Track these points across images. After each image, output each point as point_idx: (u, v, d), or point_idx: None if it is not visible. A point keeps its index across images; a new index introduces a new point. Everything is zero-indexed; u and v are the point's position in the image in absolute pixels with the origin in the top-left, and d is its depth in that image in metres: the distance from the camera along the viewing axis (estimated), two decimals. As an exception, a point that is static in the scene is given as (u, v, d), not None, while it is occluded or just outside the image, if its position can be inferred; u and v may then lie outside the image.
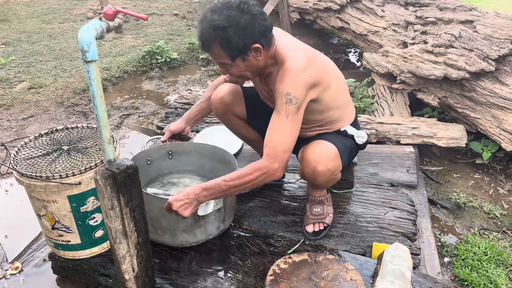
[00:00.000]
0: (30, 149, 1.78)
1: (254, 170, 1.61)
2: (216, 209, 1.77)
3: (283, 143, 1.62)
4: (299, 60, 1.64)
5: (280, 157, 1.61)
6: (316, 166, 1.76)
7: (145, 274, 1.55)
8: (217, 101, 2.05)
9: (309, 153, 1.79)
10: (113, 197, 1.31)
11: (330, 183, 1.92)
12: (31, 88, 3.93)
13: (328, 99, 1.78)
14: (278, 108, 1.63)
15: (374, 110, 3.33)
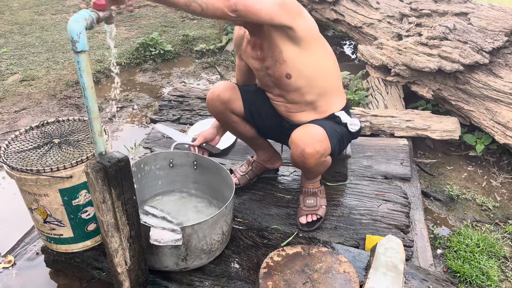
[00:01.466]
0: (20, 142, 1.77)
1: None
2: (172, 246, 1.61)
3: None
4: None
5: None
6: (304, 148, 1.75)
7: (138, 267, 1.55)
8: (214, 99, 2.01)
9: (297, 136, 1.79)
10: (104, 190, 1.30)
11: (320, 167, 1.91)
12: (23, 81, 3.89)
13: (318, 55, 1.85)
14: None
15: (369, 103, 3.33)
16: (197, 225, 1.61)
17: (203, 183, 2.09)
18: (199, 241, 1.66)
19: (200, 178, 2.08)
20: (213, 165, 1.99)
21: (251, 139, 2.20)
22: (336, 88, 1.95)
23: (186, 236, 1.60)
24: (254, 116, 2.08)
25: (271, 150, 2.26)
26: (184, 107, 3.13)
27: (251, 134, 2.15)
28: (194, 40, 4.86)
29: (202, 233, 1.65)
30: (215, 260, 1.86)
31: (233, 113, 2.05)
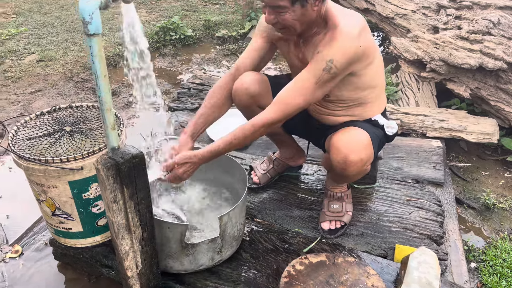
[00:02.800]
0: (30, 129, 1.65)
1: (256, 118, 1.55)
2: (210, 239, 1.54)
3: (294, 98, 1.52)
4: (353, 25, 1.48)
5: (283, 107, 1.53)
6: (348, 155, 1.58)
7: (149, 271, 1.43)
8: (242, 92, 1.79)
9: (340, 139, 1.62)
10: (116, 189, 1.17)
11: (359, 175, 1.74)
12: (40, 61, 3.80)
13: (368, 75, 1.61)
14: (312, 70, 1.50)
15: (398, 99, 3.13)
16: (232, 212, 1.54)
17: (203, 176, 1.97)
18: (232, 228, 1.60)
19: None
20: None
21: (276, 135, 2.04)
22: (378, 96, 1.77)
23: (223, 226, 1.53)
24: None
25: (295, 147, 2.10)
26: (203, 96, 2.98)
27: (277, 131, 1.99)
28: (216, 25, 4.69)
29: (235, 219, 1.59)
30: (232, 263, 1.73)
31: (261, 108, 1.88)
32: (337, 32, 1.46)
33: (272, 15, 1.48)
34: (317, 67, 1.48)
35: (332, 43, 1.46)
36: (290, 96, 1.52)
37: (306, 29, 1.54)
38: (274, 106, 1.53)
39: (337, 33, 1.46)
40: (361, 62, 1.53)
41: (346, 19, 1.50)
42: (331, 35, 1.48)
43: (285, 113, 1.52)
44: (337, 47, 1.46)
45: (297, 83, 1.52)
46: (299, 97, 1.51)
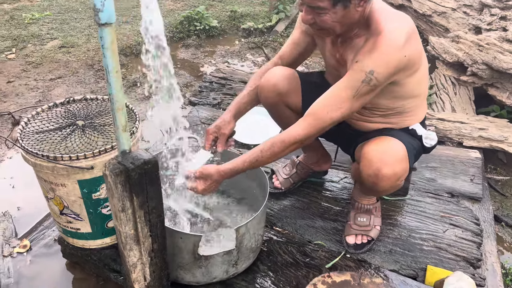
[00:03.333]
0: (41, 121, 1.55)
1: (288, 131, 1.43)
2: (225, 252, 1.43)
3: (331, 109, 1.38)
4: (399, 33, 1.30)
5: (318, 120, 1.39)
6: (380, 168, 1.43)
7: (158, 283, 1.31)
8: (268, 89, 1.68)
9: (373, 150, 1.46)
10: (125, 197, 1.05)
11: (391, 190, 1.58)
12: (63, 47, 3.73)
13: (411, 84, 1.44)
14: (350, 81, 1.35)
15: (433, 103, 2.94)
16: (250, 223, 1.43)
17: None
18: (249, 240, 1.49)
19: None
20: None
21: None
22: (419, 105, 1.60)
23: (239, 237, 1.42)
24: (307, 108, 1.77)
25: (321, 151, 1.95)
26: (226, 91, 2.85)
27: None
28: (242, 17, 4.54)
29: (252, 230, 1.48)
30: (248, 276, 1.60)
31: (288, 107, 1.75)
32: (380, 40, 1.29)
33: (310, 15, 1.33)
34: (355, 78, 1.33)
35: (374, 52, 1.30)
36: (324, 109, 1.38)
37: (346, 30, 1.38)
38: (306, 121, 1.40)
39: (380, 41, 1.29)
40: (404, 71, 1.36)
41: (392, 24, 1.32)
42: (373, 43, 1.31)
43: (318, 129, 1.39)
44: (379, 58, 1.30)
45: (332, 94, 1.38)
46: (334, 111, 1.37)
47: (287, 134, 1.41)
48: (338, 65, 1.54)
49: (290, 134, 1.40)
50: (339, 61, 1.52)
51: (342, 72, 1.52)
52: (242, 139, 2.35)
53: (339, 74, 1.56)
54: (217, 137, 1.65)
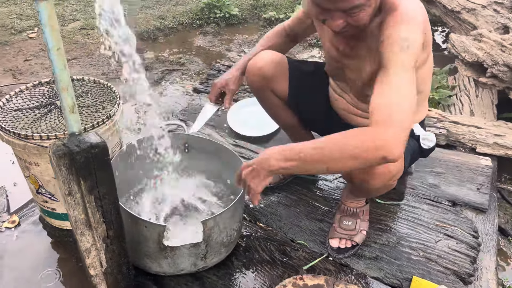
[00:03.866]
0: (23, 99, 1.55)
1: (359, 133, 1.12)
2: (191, 244, 1.37)
3: (400, 104, 1.10)
4: (417, 11, 1.21)
5: (398, 125, 1.08)
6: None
7: (117, 271, 1.28)
8: (254, 72, 1.63)
9: None
10: (71, 180, 1.02)
11: (382, 190, 1.49)
12: (82, 29, 3.78)
13: (420, 76, 1.26)
14: (388, 62, 1.16)
15: (451, 105, 2.76)
16: (219, 216, 1.37)
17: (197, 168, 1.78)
18: (220, 234, 1.43)
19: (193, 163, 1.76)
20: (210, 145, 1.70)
21: (291, 128, 1.83)
22: (420, 103, 1.48)
23: (207, 230, 1.36)
24: (300, 104, 1.70)
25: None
26: (234, 80, 2.79)
27: (292, 122, 1.79)
28: (264, 6, 4.44)
29: (223, 225, 1.42)
30: (220, 271, 1.56)
31: (274, 93, 1.68)
32: (400, 14, 1.18)
33: (342, 19, 1.19)
34: (390, 54, 1.15)
35: (396, 25, 1.17)
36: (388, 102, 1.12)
37: None
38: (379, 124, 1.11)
39: (399, 15, 1.18)
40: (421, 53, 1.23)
41: (407, 2, 1.21)
42: (392, 19, 1.18)
43: (397, 126, 1.10)
44: (403, 27, 1.16)
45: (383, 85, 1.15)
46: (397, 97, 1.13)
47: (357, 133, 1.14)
48: (340, 56, 1.45)
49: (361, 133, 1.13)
50: (343, 52, 1.42)
51: (345, 63, 1.44)
52: (239, 130, 2.29)
53: (340, 66, 1.48)
54: (224, 92, 1.63)
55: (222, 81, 1.61)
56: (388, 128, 1.08)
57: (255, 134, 2.28)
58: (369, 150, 1.08)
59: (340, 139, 1.12)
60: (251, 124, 2.32)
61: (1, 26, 3.72)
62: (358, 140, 1.09)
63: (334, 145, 1.12)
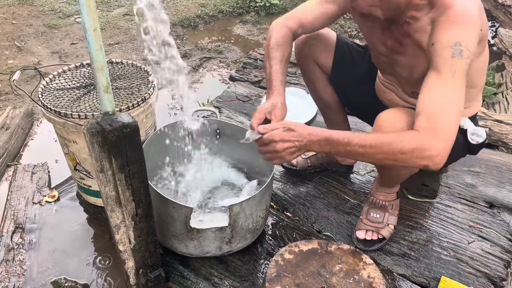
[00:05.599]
0: (65, 79, 1.62)
1: (406, 139, 1.12)
2: (217, 228, 1.40)
3: (448, 112, 1.11)
4: (471, 7, 1.15)
5: (443, 133, 1.10)
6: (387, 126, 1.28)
7: (145, 248, 1.32)
8: (302, 39, 1.63)
9: (386, 117, 1.30)
10: (103, 158, 1.06)
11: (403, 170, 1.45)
12: (126, 15, 3.88)
13: (471, 71, 1.20)
14: (438, 65, 1.14)
15: (496, 103, 2.64)
16: (245, 202, 1.39)
17: (227, 154, 1.80)
18: (246, 220, 1.45)
19: (224, 149, 1.78)
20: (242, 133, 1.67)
21: (329, 109, 1.79)
22: (473, 98, 1.42)
23: (233, 216, 1.39)
24: (341, 81, 1.65)
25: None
26: (269, 69, 2.79)
27: (331, 102, 1.74)
28: (307, -4, 4.39)
29: (249, 211, 1.43)
30: (245, 256, 1.58)
31: (318, 66, 1.65)
32: (454, 13, 1.13)
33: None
34: (443, 59, 1.13)
35: (451, 26, 1.13)
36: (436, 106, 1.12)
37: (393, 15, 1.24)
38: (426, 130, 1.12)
39: (453, 14, 1.13)
40: (478, 47, 1.19)
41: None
42: (446, 18, 1.14)
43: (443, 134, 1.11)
44: (459, 29, 1.12)
45: (434, 90, 1.14)
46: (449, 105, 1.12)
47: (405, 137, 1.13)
48: (390, 52, 1.40)
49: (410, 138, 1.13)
50: (392, 48, 1.38)
51: (395, 59, 1.40)
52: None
53: (389, 61, 1.44)
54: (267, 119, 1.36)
55: (267, 106, 1.37)
56: (436, 139, 1.09)
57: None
58: (414, 158, 1.11)
59: (387, 143, 1.13)
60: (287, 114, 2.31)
61: (51, 10, 3.88)
62: (406, 148, 1.11)
63: (380, 147, 1.13)
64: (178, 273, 1.51)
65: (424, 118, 1.12)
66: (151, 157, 1.60)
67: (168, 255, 1.55)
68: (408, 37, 1.28)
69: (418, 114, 1.14)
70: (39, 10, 3.88)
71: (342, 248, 1.45)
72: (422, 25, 1.22)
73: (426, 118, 1.11)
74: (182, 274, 1.51)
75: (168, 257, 1.55)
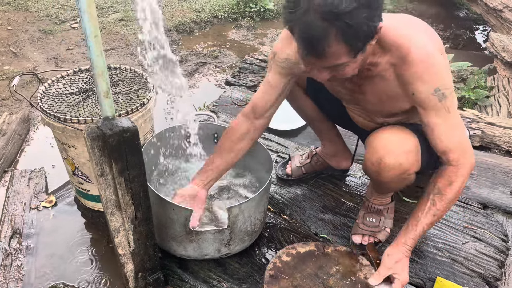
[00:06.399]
0: (63, 85, 1.63)
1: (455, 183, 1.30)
2: (216, 230, 1.43)
3: (463, 136, 1.30)
4: (423, 40, 1.21)
5: (470, 155, 1.30)
6: (383, 156, 1.33)
7: (144, 252, 1.34)
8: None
9: (378, 138, 1.37)
10: (103, 162, 1.08)
11: (398, 185, 1.47)
12: (122, 20, 3.90)
13: None
14: (432, 109, 1.25)
15: (488, 106, 2.68)
16: (244, 204, 1.41)
17: None
18: (244, 222, 1.47)
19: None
20: None
21: (315, 121, 1.80)
22: None
23: (232, 218, 1.41)
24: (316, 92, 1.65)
25: (339, 144, 1.85)
26: (265, 74, 2.81)
27: (314, 114, 1.76)
28: (301, 1, 4.43)
29: (248, 213, 1.45)
30: (243, 259, 1.59)
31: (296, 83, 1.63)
32: (416, 62, 1.19)
33: (325, 72, 1.18)
34: (434, 106, 1.23)
35: (422, 78, 1.20)
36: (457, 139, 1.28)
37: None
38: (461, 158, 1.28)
39: (415, 63, 1.19)
40: None
41: (411, 36, 1.20)
42: (411, 71, 1.20)
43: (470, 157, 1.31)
44: (431, 78, 1.21)
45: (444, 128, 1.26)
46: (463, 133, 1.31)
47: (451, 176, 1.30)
48: (350, 92, 1.43)
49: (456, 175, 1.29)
50: (352, 89, 1.41)
51: (355, 97, 1.44)
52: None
53: (352, 99, 1.48)
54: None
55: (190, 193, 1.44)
56: (467, 156, 1.29)
57: (283, 127, 2.29)
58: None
59: (450, 201, 1.32)
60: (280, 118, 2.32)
61: (46, 16, 3.89)
62: (460, 188, 1.31)
63: (445, 209, 1.33)
64: (176, 276, 1.52)
65: (452, 154, 1.27)
66: (150, 161, 1.61)
67: (167, 258, 1.57)
68: (366, 79, 1.32)
69: (443, 153, 1.28)
70: (34, 16, 3.89)
71: (339, 250, 1.47)
72: (382, 68, 1.27)
73: (453, 153, 1.27)
74: (181, 277, 1.52)
75: (166, 260, 1.56)
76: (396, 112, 1.41)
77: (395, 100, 1.33)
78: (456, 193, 1.30)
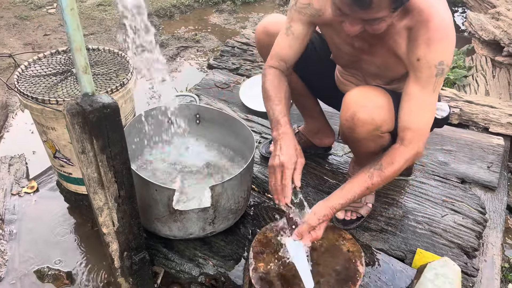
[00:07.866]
0: (40, 66, 1.60)
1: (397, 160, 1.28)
2: (200, 209, 1.42)
3: (429, 123, 1.31)
4: (447, 15, 1.21)
5: (424, 139, 1.31)
6: (356, 112, 1.33)
7: (128, 231, 1.33)
8: (260, 31, 1.65)
9: (351, 94, 1.37)
10: (84, 139, 1.07)
11: (371, 143, 1.45)
12: (100, 5, 3.83)
13: None
14: (422, 81, 1.24)
15: (466, 85, 2.73)
16: (227, 182, 1.41)
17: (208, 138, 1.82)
18: (228, 200, 1.47)
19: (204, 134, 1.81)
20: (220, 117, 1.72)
21: (299, 97, 1.81)
22: None
23: (216, 196, 1.41)
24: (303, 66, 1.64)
25: (321, 121, 1.87)
26: (247, 57, 2.81)
27: (298, 88, 1.75)
28: (282, -16, 4.42)
29: (231, 191, 1.46)
30: (228, 236, 1.61)
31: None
32: (435, 29, 1.18)
33: (359, 25, 1.18)
34: (428, 76, 1.23)
35: (434, 43, 1.19)
36: (423, 122, 1.29)
37: None
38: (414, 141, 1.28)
39: (434, 29, 1.18)
40: None
41: (437, 8, 1.20)
42: (426, 33, 1.19)
43: (423, 141, 1.31)
44: (442, 47, 1.20)
45: (419, 105, 1.27)
46: (431, 119, 1.31)
47: (395, 156, 1.29)
48: (356, 51, 1.42)
49: (401, 156, 1.28)
50: (360, 48, 1.39)
51: (361, 58, 1.43)
52: (251, 106, 2.32)
53: (356, 60, 1.47)
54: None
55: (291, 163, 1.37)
56: (420, 143, 1.29)
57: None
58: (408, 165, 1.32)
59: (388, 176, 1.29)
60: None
61: (22, 1, 3.79)
62: (401, 166, 1.28)
63: (384, 181, 1.30)
64: (162, 256, 1.53)
65: (410, 133, 1.27)
66: (131, 142, 1.60)
67: (152, 239, 1.57)
68: (379, 39, 1.30)
69: (403, 128, 1.28)
70: (9, 2, 3.78)
71: None
72: (397, 31, 1.25)
73: (413, 133, 1.26)
74: (167, 256, 1.53)
75: (152, 240, 1.57)
76: (396, 78, 1.43)
77: (399, 65, 1.33)
78: (394, 173, 1.29)
